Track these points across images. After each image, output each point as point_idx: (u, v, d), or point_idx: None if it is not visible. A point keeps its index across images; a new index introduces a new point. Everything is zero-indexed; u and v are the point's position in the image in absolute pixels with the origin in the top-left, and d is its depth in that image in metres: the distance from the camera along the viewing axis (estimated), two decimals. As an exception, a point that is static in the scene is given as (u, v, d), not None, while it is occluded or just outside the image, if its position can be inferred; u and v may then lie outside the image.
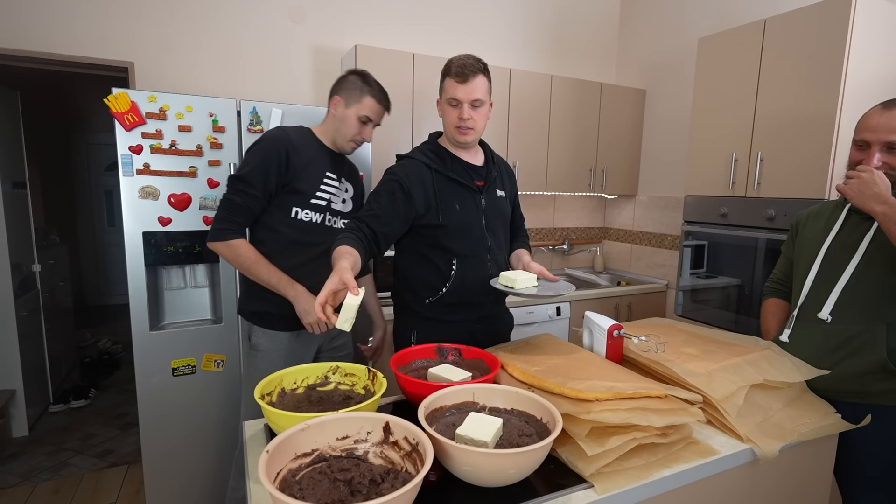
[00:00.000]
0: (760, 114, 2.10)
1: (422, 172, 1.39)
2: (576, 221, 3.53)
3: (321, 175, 1.52)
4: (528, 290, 1.27)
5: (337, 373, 1.18)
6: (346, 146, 1.56)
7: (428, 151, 1.44)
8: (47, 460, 2.59)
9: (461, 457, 0.81)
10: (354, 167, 1.71)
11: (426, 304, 1.45)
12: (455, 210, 1.40)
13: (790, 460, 1.12)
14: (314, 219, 1.52)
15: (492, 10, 3.03)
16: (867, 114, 1.24)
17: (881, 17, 1.85)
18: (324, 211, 1.53)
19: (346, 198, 1.61)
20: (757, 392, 1.15)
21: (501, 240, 1.52)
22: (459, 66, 1.33)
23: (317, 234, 1.53)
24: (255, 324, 1.55)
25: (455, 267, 1.42)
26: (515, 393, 1.01)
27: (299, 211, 1.50)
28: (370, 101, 1.53)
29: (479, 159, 1.51)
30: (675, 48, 3.02)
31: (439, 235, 1.40)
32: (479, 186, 1.46)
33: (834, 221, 1.32)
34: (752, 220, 2.17)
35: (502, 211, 1.53)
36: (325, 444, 0.86)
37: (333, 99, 1.55)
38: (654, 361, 1.20)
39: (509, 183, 1.59)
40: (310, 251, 1.52)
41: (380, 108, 1.56)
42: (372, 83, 1.54)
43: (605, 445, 0.89)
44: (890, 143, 1.18)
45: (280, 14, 2.50)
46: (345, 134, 1.54)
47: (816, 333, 1.29)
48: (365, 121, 1.54)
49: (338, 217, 1.58)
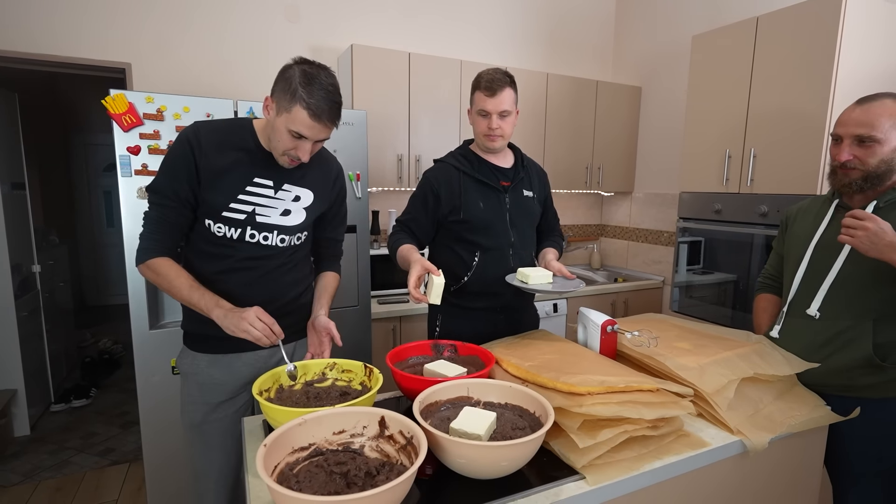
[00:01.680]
0: (753, 110, 2.12)
1: (450, 174, 1.53)
2: (573, 219, 3.55)
3: (244, 181, 1.24)
4: (541, 286, 1.34)
5: (334, 369, 1.20)
6: (280, 160, 1.24)
7: (459, 156, 1.57)
8: (49, 459, 2.61)
9: (455, 449, 0.83)
10: (327, 169, 1.40)
11: (451, 290, 1.54)
12: (479, 207, 1.51)
13: (780, 452, 1.14)
14: (228, 233, 1.24)
15: (488, 9, 3.04)
16: (844, 110, 1.27)
17: (871, 14, 1.86)
18: (243, 225, 1.25)
19: (288, 208, 1.30)
20: (748, 385, 1.17)
21: (527, 236, 1.61)
22: (488, 80, 1.44)
23: (236, 251, 1.26)
24: (184, 342, 1.37)
25: (477, 258, 1.52)
26: (509, 387, 1.03)
27: (211, 224, 1.24)
28: (301, 115, 1.14)
29: (508, 162, 1.60)
30: (670, 46, 3.03)
31: (464, 230, 1.52)
32: (504, 186, 1.55)
33: (822, 217, 1.34)
34: (745, 216, 2.19)
35: (529, 209, 1.60)
36: (321, 439, 0.88)
37: (267, 100, 1.21)
38: (647, 356, 1.22)
39: (539, 184, 1.66)
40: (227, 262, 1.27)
41: (315, 124, 1.16)
42: (313, 90, 1.14)
43: (597, 438, 0.91)
44: (860, 136, 1.20)
45: (276, 14, 2.52)
46: (276, 146, 1.21)
47: (806, 329, 1.31)
48: (297, 136, 1.18)
49: (273, 232, 1.28)
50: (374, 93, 2.42)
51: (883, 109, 1.19)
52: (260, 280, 1.29)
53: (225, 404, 1.31)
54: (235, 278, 1.26)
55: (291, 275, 1.36)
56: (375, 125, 2.43)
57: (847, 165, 1.23)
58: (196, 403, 1.30)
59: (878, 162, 1.19)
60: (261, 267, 1.29)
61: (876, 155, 1.19)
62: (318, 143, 1.23)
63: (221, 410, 1.31)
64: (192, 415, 1.31)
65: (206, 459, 1.32)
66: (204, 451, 1.31)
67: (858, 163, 1.21)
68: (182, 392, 1.34)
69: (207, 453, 1.31)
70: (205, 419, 1.30)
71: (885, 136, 1.18)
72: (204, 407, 1.30)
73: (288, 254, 1.33)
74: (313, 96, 1.14)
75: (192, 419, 1.31)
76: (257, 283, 1.29)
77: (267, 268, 1.30)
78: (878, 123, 1.18)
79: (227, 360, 1.31)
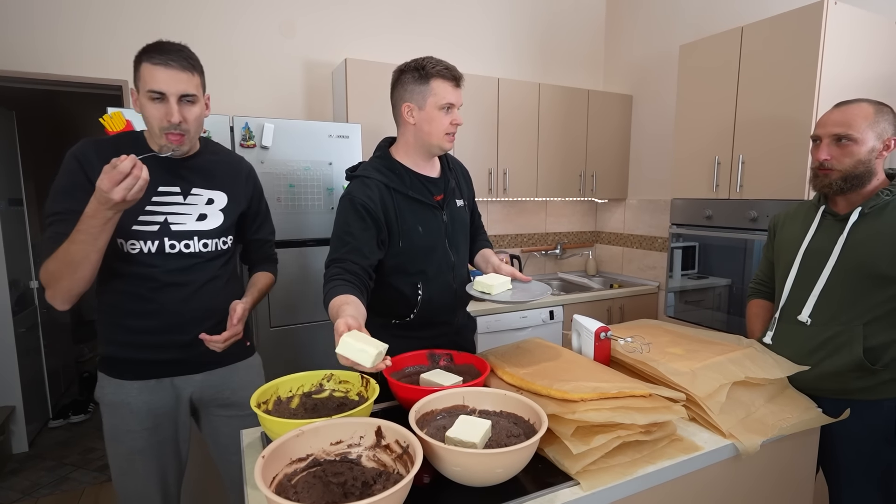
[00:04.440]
0: (741, 117, 2.16)
1: (382, 193, 1.27)
2: (568, 226, 3.58)
3: (148, 192, 1.18)
4: (504, 295, 1.24)
5: (331, 380, 1.21)
6: (162, 144, 1.18)
7: (383, 168, 1.31)
8: (47, 476, 2.60)
9: (450, 457, 0.84)
10: (236, 169, 1.36)
11: (392, 324, 1.39)
12: (418, 232, 1.31)
13: (773, 454, 1.15)
14: (145, 248, 1.19)
15: (480, 20, 3.09)
16: (824, 113, 1.31)
17: (853, 23, 1.91)
18: (158, 237, 1.20)
19: (203, 212, 1.26)
20: (740, 389, 1.19)
21: (463, 253, 1.46)
22: (449, 68, 1.28)
23: (159, 266, 1.20)
24: (100, 370, 1.28)
25: (421, 291, 1.35)
26: (504, 395, 1.05)
27: (123, 242, 1.18)
28: (148, 68, 1.12)
29: (436, 170, 1.40)
30: (659, 54, 3.08)
31: (402, 261, 1.32)
32: (438, 202, 1.36)
33: (810, 222, 1.36)
34: (736, 221, 2.22)
35: (464, 222, 1.46)
36: (319, 449, 0.89)
37: (132, 93, 1.19)
38: (640, 361, 1.24)
39: (467, 188, 1.50)
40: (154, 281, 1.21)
41: (167, 71, 1.11)
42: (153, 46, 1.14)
43: (590, 444, 0.92)
44: (837, 135, 1.24)
45: (271, 29, 2.55)
46: (152, 129, 1.17)
47: (797, 335, 1.33)
48: (157, 97, 1.13)
49: (193, 238, 1.24)
50: (369, 106, 2.46)
51: (859, 111, 1.23)
52: (196, 295, 1.26)
53: (163, 426, 1.30)
54: (167, 295, 1.20)
55: (231, 286, 1.34)
56: (370, 138, 2.45)
57: (825, 166, 1.26)
58: (133, 432, 1.27)
59: (855, 162, 1.23)
60: (193, 280, 1.25)
61: (853, 155, 1.23)
62: (185, 100, 1.16)
63: (161, 433, 1.30)
64: (133, 443, 1.27)
65: (150, 483, 1.31)
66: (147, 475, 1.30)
67: (836, 163, 1.25)
68: (109, 423, 1.27)
69: (151, 477, 1.31)
70: (147, 443, 1.28)
71: (861, 135, 1.22)
72: (144, 433, 1.28)
73: (220, 263, 1.31)
74: (154, 48, 1.14)
75: (133, 447, 1.28)
76: (193, 298, 1.25)
77: (200, 280, 1.26)
78: (854, 123, 1.22)
79: (162, 385, 1.29)
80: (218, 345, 1.26)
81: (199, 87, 1.21)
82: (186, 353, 1.29)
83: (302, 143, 2.05)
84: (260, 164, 1.97)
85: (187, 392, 1.33)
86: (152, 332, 1.25)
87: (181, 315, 1.24)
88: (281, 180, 2.02)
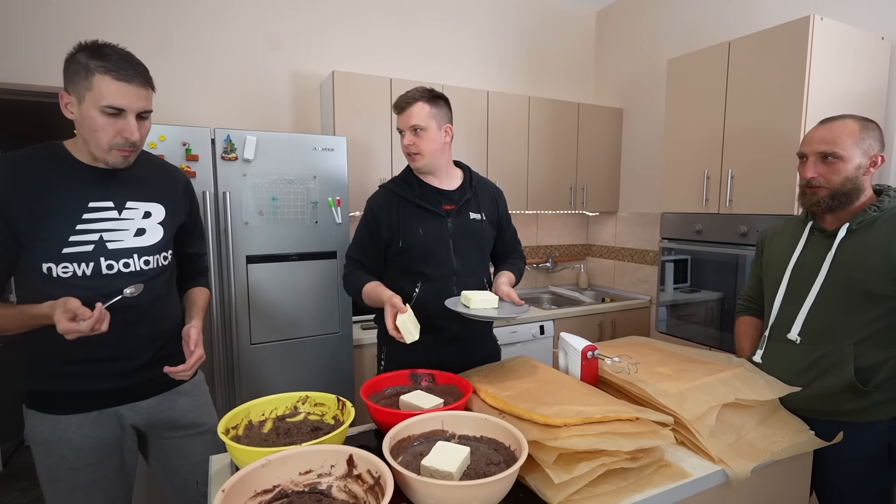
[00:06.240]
0: (729, 132, 2.15)
1: (390, 200, 1.48)
2: (559, 239, 3.56)
3: (77, 209, 1.10)
4: (483, 311, 1.24)
5: (306, 403, 1.16)
6: (110, 157, 1.09)
7: (399, 180, 1.52)
8: (21, 496, 2.51)
9: (424, 490, 0.79)
10: (172, 179, 1.29)
11: None
12: (418, 234, 1.44)
13: (764, 479, 1.11)
14: (79, 271, 1.09)
15: (469, 34, 3.08)
16: (809, 130, 1.29)
17: (840, 38, 1.91)
18: (93, 257, 1.11)
19: (141, 226, 1.18)
20: (730, 411, 1.15)
21: (474, 262, 1.52)
22: (400, 98, 1.43)
23: (95, 289, 1.10)
24: (30, 407, 1.17)
25: (418, 289, 1.45)
26: (484, 420, 1.00)
27: (53, 267, 1.08)
28: (106, 83, 1.03)
29: (454, 183, 1.52)
30: (648, 68, 3.09)
31: (404, 259, 1.46)
32: (447, 211, 1.48)
33: (798, 238, 1.34)
34: (725, 235, 2.20)
35: (475, 233, 1.51)
36: (287, 480, 0.84)
37: (62, 97, 1.07)
38: (628, 382, 1.20)
39: (491, 205, 1.56)
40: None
41: (126, 87, 1.05)
42: (106, 55, 1.04)
43: (573, 472, 0.88)
44: (823, 152, 1.22)
45: (257, 41, 2.53)
46: (97, 142, 1.07)
47: (787, 354, 1.30)
48: (113, 112, 1.05)
49: (132, 256, 1.16)
50: (356, 118, 2.43)
51: (844, 128, 1.21)
52: (144, 317, 1.18)
53: (109, 458, 1.21)
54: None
55: (176, 304, 1.30)
56: (357, 150, 2.43)
57: (812, 183, 1.24)
58: (76, 469, 1.16)
59: (842, 179, 1.21)
60: (137, 302, 1.14)
61: (840, 172, 1.21)
62: (142, 117, 1.10)
63: (107, 465, 1.20)
64: (75, 480, 1.17)
65: None
66: None
67: (823, 181, 1.23)
68: (45, 463, 1.16)
69: None
70: (92, 479, 1.18)
71: (847, 153, 1.20)
72: (88, 468, 1.17)
73: (162, 280, 1.23)
74: (109, 60, 1.03)
75: (75, 484, 1.17)
76: (142, 321, 1.18)
77: (145, 301, 1.16)
78: (839, 140, 1.20)
79: (105, 416, 1.19)
80: (186, 373, 1.19)
81: (151, 101, 1.14)
82: (132, 380, 1.21)
83: (286, 156, 2.01)
84: (242, 177, 1.93)
85: (133, 421, 1.24)
86: (94, 360, 1.15)
87: (130, 341, 1.16)
88: (263, 193, 1.98)
